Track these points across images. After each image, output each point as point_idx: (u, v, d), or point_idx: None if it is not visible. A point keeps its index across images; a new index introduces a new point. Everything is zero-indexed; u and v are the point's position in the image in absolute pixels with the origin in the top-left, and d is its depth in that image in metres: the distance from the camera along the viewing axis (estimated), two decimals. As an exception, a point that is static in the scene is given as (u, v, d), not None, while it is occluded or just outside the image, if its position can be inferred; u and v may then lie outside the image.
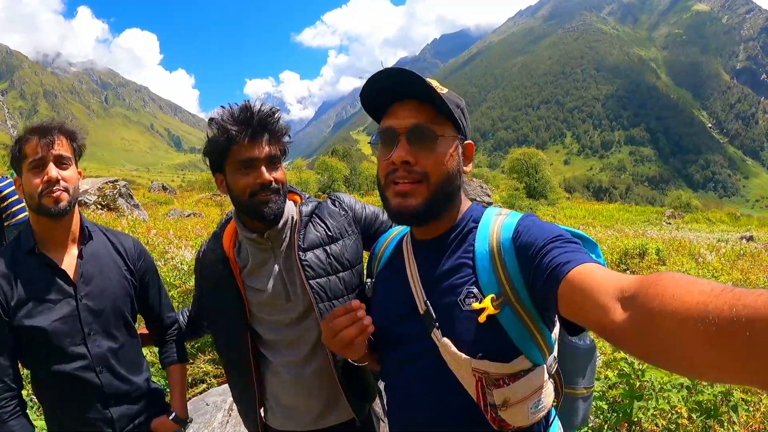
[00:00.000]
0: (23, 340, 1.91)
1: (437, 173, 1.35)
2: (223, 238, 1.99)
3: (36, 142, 1.90)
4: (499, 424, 1.33)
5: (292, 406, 2.00)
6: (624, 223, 32.29)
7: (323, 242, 1.93)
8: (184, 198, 31.86)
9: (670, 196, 71.94)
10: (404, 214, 1.38)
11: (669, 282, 0.82)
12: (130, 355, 2.15)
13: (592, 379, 1.69)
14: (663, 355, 0.81)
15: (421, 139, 1.34)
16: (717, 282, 0.76)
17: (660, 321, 0.79)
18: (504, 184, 49.69)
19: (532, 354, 1.32)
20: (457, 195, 1.45)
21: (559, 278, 1.10)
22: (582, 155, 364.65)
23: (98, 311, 2.02)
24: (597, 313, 0.97)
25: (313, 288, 1.87)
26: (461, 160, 1.43)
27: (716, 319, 0.68)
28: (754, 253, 14.20)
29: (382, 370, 1.61)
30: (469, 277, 1.35)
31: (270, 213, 1.82)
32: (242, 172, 1.79)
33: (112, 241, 2.20)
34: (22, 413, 1.92)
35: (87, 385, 1.98)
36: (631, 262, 11.70)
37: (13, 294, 1.89)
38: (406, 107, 1.37)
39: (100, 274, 2.07)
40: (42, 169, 1.91)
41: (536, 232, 1.27)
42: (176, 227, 13.24)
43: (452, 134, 1.38)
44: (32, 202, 1.93)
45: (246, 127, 1.76)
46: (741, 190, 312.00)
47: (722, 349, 0.67)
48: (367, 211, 2.10)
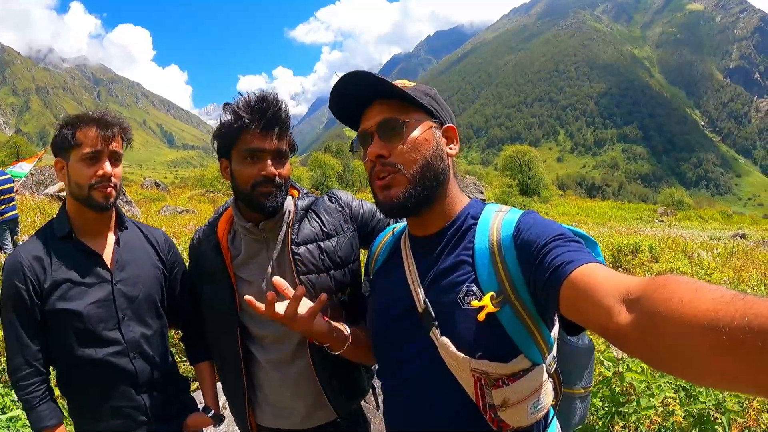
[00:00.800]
0: (56, 324, 1.91)
1: (412, 160, 1.35)
2: (219, 225, 2.00)
3: (96, 134, 1.90)
4: (498, 425, 1.31)
5: (281, 405, 1.98)
6: (617, 220, 32.42)
7: (317, 237, 1.92)
8: (177, 195, 31.79)
9: (662, 193, 72.06)
10: (392, 206, 1.38)
11: (677, 286, 0.80)
12: (161, 344, 2.16)
13: (590, 379, 1.67)
14: (668, 360, 0.80)
15: (390, 130, 1.36)
16: (726, 288, 0.74)
17: (667, 326, 0.77)
18: (497, 181, 49.87)
19: (532, 353, 1.30)
20: (447, 181, 1.42)
21: (562, 278, 1.08)
22: (575, 153, 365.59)
23: (132, 297, 2.03)
24: (600, 314, 0.95)
25: (304, 284, 1.82)
26: (442, 143, 1.41)
27: (727, 327, 0.66)
28: (746, 250, 14.25)
29: (380, 370, 1.60)
30: (469, 274, 1.33)
31: (269, 206, 1.81)
32: (248, 161, 1.79)
33: (144, 232, 2.23)
34: (51, 398, 1.93)
35: (120, 372, 1.98)
36: (624, 259, 11.73)
37: (46, 277, 1.90)
38: (374, 109, 1.40)
39: (134, 261, 2.09)
40: (96, 162, 1.91)
41: (538, 229, 1.25)
42: (169, 224, 13.18)
43: (421, 119, 1.38)
44: (80, 193, 1.93)
45: (260, 117, 1.75)
46: (733, 189, 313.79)
47: (732, 357, 0.66)
48: (365, 208, 2.09)
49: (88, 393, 1.99)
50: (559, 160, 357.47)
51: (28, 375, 1.88)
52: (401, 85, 1.39)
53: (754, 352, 0.63)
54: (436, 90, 1.48)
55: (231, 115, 1.78)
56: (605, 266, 1.08)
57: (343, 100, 1.45)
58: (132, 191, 28.10)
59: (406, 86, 1.40)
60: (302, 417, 1.98)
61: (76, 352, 1.92)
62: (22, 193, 18.42)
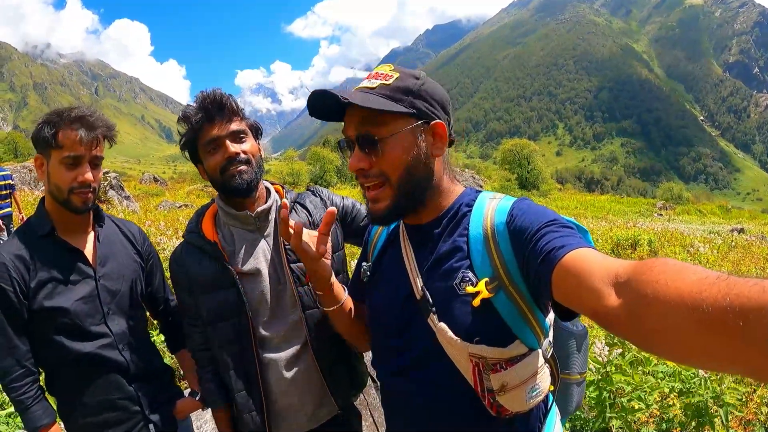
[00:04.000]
0: (43, 322, 1.90)
1: (394, 171, 1.34)
2: (204, 230, 1.97)
3: (78, 137, 1.86)
4: (497, 410, 1.32)
5: (288, 407, 1.99)
6: (615, 214, 32.38)
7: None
8: (176, 189, 31.84)
9: (661, 188, 72.16)
10: (378, 219, 1.40)
11: (663, 267, 0.82)
12: (144, 335, 2.18)
13: (585, 365, 1.69)
14: (656, 341, 0.81)
15: (368, 144, 1.34)
16: (710, 270, 0.76)
17: (653, 307, 0.79)
18: (496, 175, 49.87)
19: (528, 338, 1.31)
20: (432, 180, 1.40)
21: (554, 262, 1.09)
22: (574, 147, 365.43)
23: (115, 291, 2.05)
24: (591, 298, 0.96)
25: (294, 272, 1.91)
26: (426, 146, 1.36)
27: (710, 307, 0.68)
28: (745, 245, 14.27)
29: (377, 357, 1.61)
30: (464, 261, 1.33)
31: (242, 183, 1.84)
32: (211, 153, 1.85)
33: (119, 226, 2.23)
34: (43, 397, 1.93)
35: (111, 364, 1.99)
36: (623, 253, 11.75)
37: (30, 277, 1.88)
38: (354, 114, 1.36)
39: (114, 256, 2.10)
40: (77, 167, 1.89)
41: (531, 216, 1.25)
42: (168, 219, 13.16)
43: (401, 129, 1.32)
44: (59, 195, 1.91)
45: (203, 112, 1.82)
46: (732, 183, 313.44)
47: (716, 337, 0.68)
48: (346, 201, 2.17)
49: (79, 388, 1.99)
50: (558, 154, 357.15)
51: (20, 376, 1.87)
52: (382, 79, 1.35)
53: (736, 331, 0.64)
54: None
55: (185, 124, 1.87)
56: (596, 250, 1.08)
57: (321, 113, 1.43)
58: (131, 186, 28.08)
59: (386, 80, 1.34)
60: (308, 416, 2.01)
61: (66, 348, 1.92)
62: (21, 188, 18.38)
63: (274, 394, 1.97)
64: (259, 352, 1.93)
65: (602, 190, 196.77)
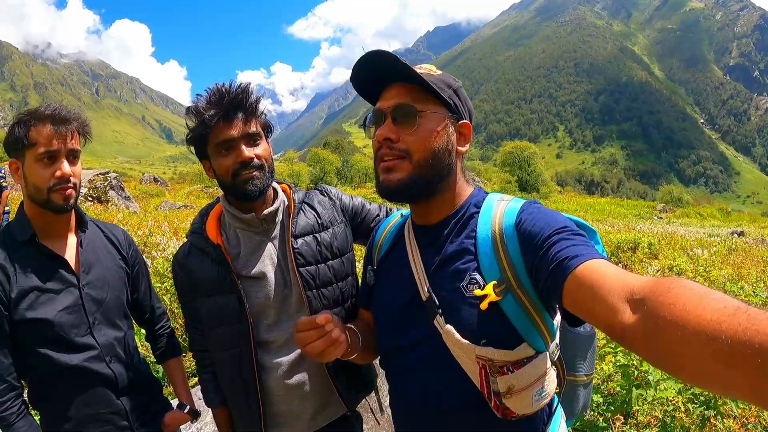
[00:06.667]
0: (26, 334, 1.81)
1: (420, 149, 1.34)
2: (208, 231, 1.91)
3: (51, 132, 1.78)
4: (503, 412, 1.32)
5: (287, 412, 1.94)
6: (615, 216, 32.47)
7: (314, 229, 1.92)
8: (176, 190, 31.80)
9: (661, 190, 72.28)
10: (389, 189, 1.38)
11: (682, 291, 0.82)
12: (132, 345, 2.11)
13: (592, 366, 1.69)
14: (672, 364, 0.81)
15: (403, 116, 1.35)
16: (730, 297, 0.76)
17: (670, 331, 0.79)
18: (496, 177, 49.93)
19: (535, 341, 1.31)
20: (451, 174, 1.42)
21: (567, 272, 1.08)
22: (574, 149, 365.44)
23: (100, 300, 1.96)
24: (605, 312, 0.96)
25: (303, 276, 1.86)
26: (453, 139, 1.40)
27: (729, 339, 0.68)
28: (745, 248, 14.28)
29: (384, 358, 1.59)
30: (472, 263, 1.33)
31: (255, 190, 1.79)
32: (223, 154, 1.78)
33: (104, 231, 2.15)
34: (27, 412, 1.85)
35: (98, 377, 1.91)
36: (624, 255, 11.73)
37: (12, 287, 1.79)
38: (393, 89, 1.39)
39: (98, 262, 2.02)
40: (54, 163, 1.81)
41: (542, 221, 1.24)
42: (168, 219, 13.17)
43: (438, 111, 1.37)
44: (38, 196, 1.83)
45: (219, 109, 1.74)
46: (732, 186, 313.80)
47: (732, 369, 0.68)
48: (355, 201, 2.13)
49: (65, 402, 1.90)
50: (558, 157, 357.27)
51: (3, 391, 1.77)
52: (426, 72, 1.40)
53: (753, 367, 0.64)
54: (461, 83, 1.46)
55: (195, 118, 1.78)
56: (610, 262, 1.08)
57: (364, 77, 1.44)
58: (131, 187, 28.02)
59: (431, 73, 1.39)
60: (308, 421, 1.96)
61: (51, 360, 1.84)
62: (16, 186, 18.35)
63: (272, 399, 1.92)
64: (257, 357, 1.88)
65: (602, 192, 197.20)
